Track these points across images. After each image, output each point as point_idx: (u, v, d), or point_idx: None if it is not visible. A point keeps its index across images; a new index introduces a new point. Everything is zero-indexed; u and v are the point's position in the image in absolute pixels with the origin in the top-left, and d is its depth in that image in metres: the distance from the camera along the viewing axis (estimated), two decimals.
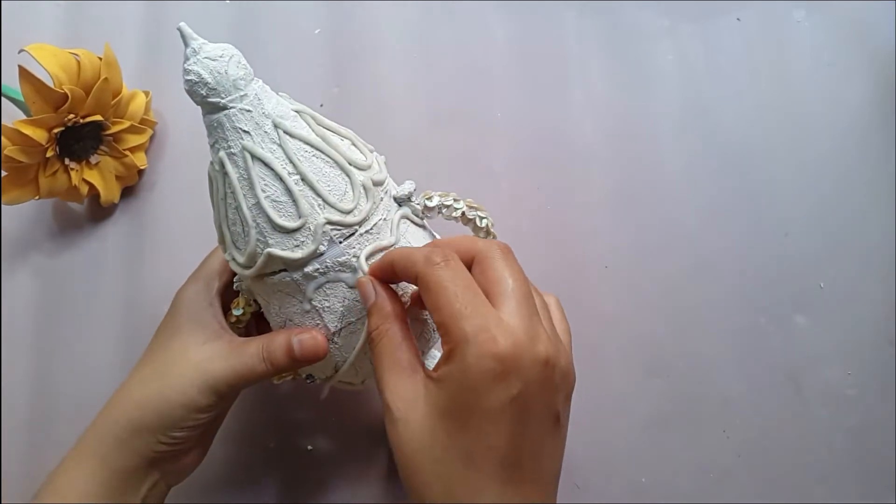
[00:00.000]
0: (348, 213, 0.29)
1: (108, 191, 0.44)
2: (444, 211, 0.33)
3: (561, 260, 0.45)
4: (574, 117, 0.48)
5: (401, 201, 0.32)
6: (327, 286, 0.30)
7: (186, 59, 0.28)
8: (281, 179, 0.28)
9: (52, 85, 0.37)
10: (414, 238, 0.32)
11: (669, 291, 0.45)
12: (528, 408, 0.25)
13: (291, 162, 0.28)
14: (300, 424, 0.42)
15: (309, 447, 0.42)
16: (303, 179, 0.29)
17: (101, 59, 0.40)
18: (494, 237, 0.34)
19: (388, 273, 0.29)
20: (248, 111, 0.28)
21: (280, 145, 0.29)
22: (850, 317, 0.45)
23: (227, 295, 0.35)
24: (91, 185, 0.43)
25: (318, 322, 0.31)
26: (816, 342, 0.44)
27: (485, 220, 0.34)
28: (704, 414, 0.43)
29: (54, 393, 0.42)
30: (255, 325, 0.37)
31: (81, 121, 0.39)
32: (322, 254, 0.29)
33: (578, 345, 0.43)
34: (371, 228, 0.30)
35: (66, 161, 0.41)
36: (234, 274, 0.34)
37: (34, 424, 0.42)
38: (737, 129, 0.48)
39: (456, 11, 0.49)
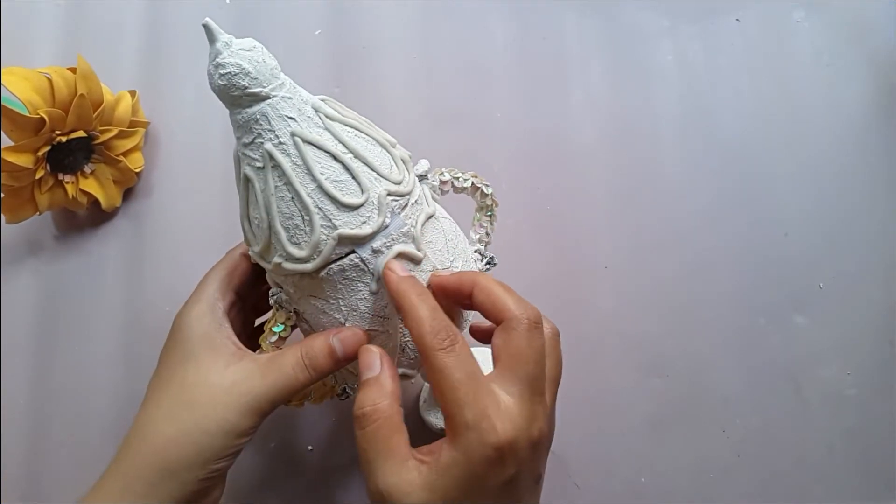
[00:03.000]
0: (400, 183, 0.30)
1: (108, 197, 0.44)
2: (455, 183, 0.35)
3: (560, 260, 0.45)
4: (574, 117, 0.48)
5: (419, 178, 0.33)
6: None
7: (218, 53, 0.27)
8: (336, 159, 0.28)
9: (26, 111, 0.37)
10: (438, 211, 0.33)
11: (669, 291, 0.45)
12: (519, 482, 0.26)
13: (341, 142, 0.29)
14: (301, 425, 0.42)
15: (310, 447, 0.42)
16: (356, 156, 0.29)
17: (75, 70, 0.39)
18: (497, 205, 0.37)
19: (395, 303, 0.29)
20: (290, 98, 0.28)
21: (326, 128, 0.29)
22: (849, 317, 0.45)
23: (233, 316, 0.34)
24: (90, 194, 0.43)
25: (388, 301, 0.30)
26: (816, 342, 0.44)
27: (489, 188, 0.36)
28: (704, 414, 0.43)
29: (55, 395, 0.42)
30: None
31: (65, 139, 0.39)
32: (387, 226, 0.29)
33: (579, 345, 0.44)
34: (418, 199, 0.31)
35: (60, 176, 0.41)
36: (236, 294, 0.33)
37: (34, 425, 0.42)
38: (737, 129, 0.48)
39: (456, 11, 0.49)
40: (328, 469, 0.42)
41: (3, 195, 0.39)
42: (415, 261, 0.30)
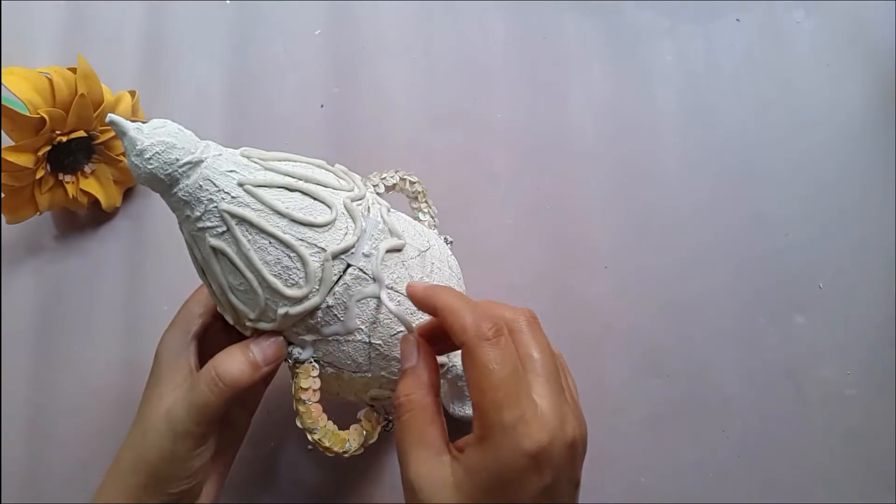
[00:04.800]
0: (352, 189, 0.31)
1: (108, 197, 0.44)
2: (384, 183, 0.36)
3: (560, 259, 0.45)
4: (574, 117, 0.48)
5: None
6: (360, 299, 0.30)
7: (135, 141, 0.26)
8: (292, 189, 0.29)
9: (27, 111, 0.37)
10: (400, 224, 0.33)
11: (669, 291, 0.45)
12: (557, 489, 0.24)
13: (287, 173, 0.29)
14: None
15: (309, 447, 0.42)
16: (308, 180, 0.29)
17: (75, 70, 0.39)
18: (424, 188, 0.38)
19: (429, 308, 0.28)
20: (220, 154, 0.28)
21: (266, 168, 0.29)
22: (849, 317, 0.45)
23: (207, 337, 0.33)
24: (90, 194, 0.43)
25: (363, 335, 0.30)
26: (816, 342, 0.44)
27: (414, 177, 0.37)
28: (704, 413, 0.43)
29: (55, 395, 0.42)
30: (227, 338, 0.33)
31: (65, 139, 0.39)
32: (366, 229, 0.30)
33: (579, 344, 0.44)
34: (371, 199, 0.32)
35: (61, 176, 0.41)
36: (214, 316, 0.33)
37: (34, 425, 0.42)
38: (736, 129, 0.48)
39: (456, 11, 0.49)
40: (329, 469, 0.42)
41: (3, 195, 0.39)
42: (399, 249, 0.31)
